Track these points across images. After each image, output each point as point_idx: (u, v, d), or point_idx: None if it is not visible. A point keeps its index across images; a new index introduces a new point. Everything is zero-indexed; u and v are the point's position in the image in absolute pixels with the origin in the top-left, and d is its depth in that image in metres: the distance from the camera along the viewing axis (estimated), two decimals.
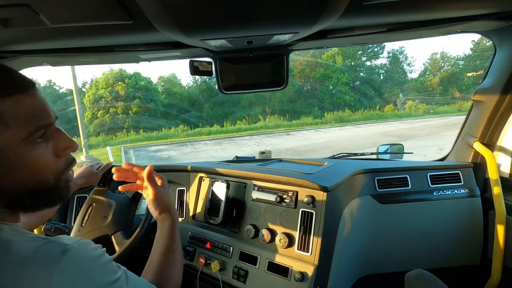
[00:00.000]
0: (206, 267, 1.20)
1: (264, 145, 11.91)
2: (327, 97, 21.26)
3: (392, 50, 24.07)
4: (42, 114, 0.46)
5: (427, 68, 24.20)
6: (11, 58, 0.98)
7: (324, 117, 18.83)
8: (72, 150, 0.53)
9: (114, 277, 0.47)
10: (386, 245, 1.34)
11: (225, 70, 1.12)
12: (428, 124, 14.14)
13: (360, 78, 23.32)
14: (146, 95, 19.59)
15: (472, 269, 1.39)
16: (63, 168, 0.51)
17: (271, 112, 20.15)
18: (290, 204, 1.11)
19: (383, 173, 1.34)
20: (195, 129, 17.52)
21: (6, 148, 0.42)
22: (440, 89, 22.24)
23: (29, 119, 0.44)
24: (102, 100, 19.19)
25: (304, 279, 0.98)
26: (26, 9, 0.57)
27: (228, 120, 19.13)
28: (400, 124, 14.94)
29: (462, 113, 15.46)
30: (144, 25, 0.73)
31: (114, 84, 18.97)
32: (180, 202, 1.45)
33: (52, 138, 0.49)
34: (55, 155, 0.50)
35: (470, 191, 1.34)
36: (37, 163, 0.46)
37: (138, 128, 17.97)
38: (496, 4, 0.84)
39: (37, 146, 0.46)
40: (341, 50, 21.44)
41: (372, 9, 0.76)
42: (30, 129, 0.44)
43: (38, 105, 0.46)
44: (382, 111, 19.85)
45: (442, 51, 25.25)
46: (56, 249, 0.42)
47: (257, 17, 0.70)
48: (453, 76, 22.65)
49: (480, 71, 22.01)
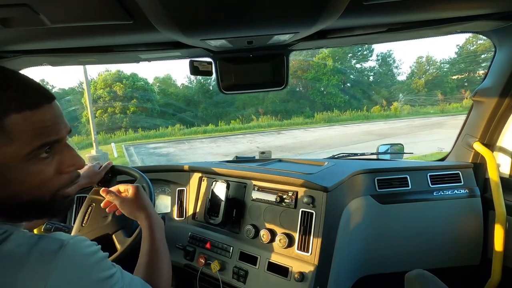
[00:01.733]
0: (206, 267, 1.20)
1: (257, 142, 12.54)
2: (318, 98, 21.92)
3: (380, 53, 25.35)
4: (50, 131, 0.45)
5: (414, 71, 25.52)
6: (11, 58, 0.98)
7: (314, 117, 19.55)
8: (77, 169, 0.50)
9: (109, 272, 0.47)
10: (386, 245, 1.34)
11: (225, 70, 1.12)
12: (409, 124, 15.32)
13: (350, 80, 24.38)
14: (143, 95, 19.93)
15: (472, 269, 1.39)
16: (64, 185, 0.49)
17: (264, 112, 20.79)
18: (290, 204, 1.11)
19: (383, 173, 1.34)
20: (191, 128, 18.13)
21: (6, 161, 0.42)
22: (425, 91, 23.23)
23: (35, 136, 0.43)
24: (101, 100, 19.43)
25: (304, 279, 0.98)
26: (26, 9, 0.57)
27: (223, 120, 19.64)
28: (383, 124, 16.11)
29: (444, 114, 18.53)
30: (144, 25, 0.73)
31: (112, 85, 19.28)
32: (180, 202, 1.45)
33: (59, 153, 0.48)
34: (58, 172, 0.48)
35: (470, 191, 1.34)
36: (37, 179, 0.45)
37: (136, 127, 18.40)
38: (496, 4, 0.84)
39: (39, 162, 0.45)
40: (332, 53, 22.17)
41: (372, 9, 0.76)
42: (34, 146, 0.43)
43: (48, 122, 0.44)
44: (369, 112, 20.67)
45: (427, 55, 26.27)
46: (53, 244, 0.42)
47: (257, 17, 0.70)
48: (438, 79, 23.71)
49: (464, 74, 23.52)
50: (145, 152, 12.39)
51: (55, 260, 0.41)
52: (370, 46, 22.76)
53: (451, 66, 24.44)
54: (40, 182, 0.45)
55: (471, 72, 23.83)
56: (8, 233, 0.43)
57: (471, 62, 23.36)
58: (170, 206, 1.51)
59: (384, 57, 25.17)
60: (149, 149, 12.95)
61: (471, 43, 22.95)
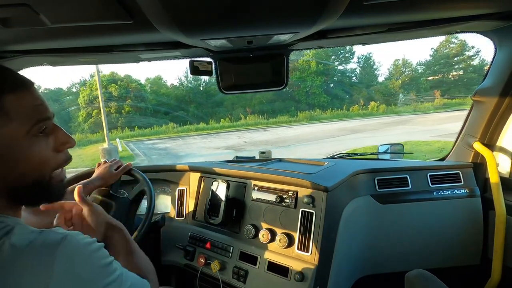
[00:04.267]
0: (206, 267, 1.20)
1: (244, 138, 14.23)
2: (303, 98, 23.27)
3: (361, 56, 27.18)
4: (41, 109, 0.50)
5: (391, 72, 27.64)
6: (11, 58, 0.98)
7: (297, 116, 21.15)
8: (70, 146, 0.55)
9: (109, 259, 0.49)
10: (386, 245, 1.34)
11: (225, 70, 1.11)
12: (381, 122, 17.04)
13: (333, 81, 26.30)
14: (137, 95, 21.35)
15: (472, 269, 1.39)
16: (61, 164, 0.54)
17: (251, 112, 22.41)
18: (290, 204, 1.11)
19: (383, 173, 1.34)
20: (184, 126, 19.61)
21: (11, 140, 0.46)
22: (401, 91, 25.33)
23: (30, 114, 0.48)
24: (97, 101, 20.22)
25: (304, 279, 0.98)
26: (26, 9, 0.57)
27: (213, 119, 21.13)
28: (358, 122, 17.88)
29: (416, 113, 20.38)
30: (144, 25, 0.73)
31: (108, 86, 20.37)
32: (180, 202, 1.45)
33: (51, 133, 0.52)
34: (55, 150, 0.52)
35: (470, 191, 1.34)
36: (39, 157, 0.49)
37: (132, 126, 19.59)
38: (496, 4, 0.84)
39: (39, 140, 0.49)
40: (315, 55, 23.47)
41: (372, 9, 0.76)
42: (32, 123, 0.48)
43: (37, 101, 0.50)
44: (349, 110, 22.41)
45: (403, 58, 29.00)
46: (55, 236, 0.44)
47: (257, 17, 0.70)
48: (413, 80, 25.78)
49: (439, 75, 25.57)
50: (144, 147, 13.72)
51: (59, 249, 0.43)
52: (351, 48, 24.35)
53: (426, 68, 26.52)
54: (41, 161, 0.50)
55: (444, 74, 25.71)
56: (11, 227, 0.45)
57: (445, 64, 25.21)
58: (170, 206, 1.51)
59: (365, 59, 27.16)
60: (148, 145, 14.31)
61: (445, 46, 24.86)
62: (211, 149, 11.70)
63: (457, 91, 24.80)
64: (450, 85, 25.54)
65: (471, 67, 24.76)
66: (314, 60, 23.52)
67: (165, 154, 12.14)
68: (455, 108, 20.44)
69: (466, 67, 24.97)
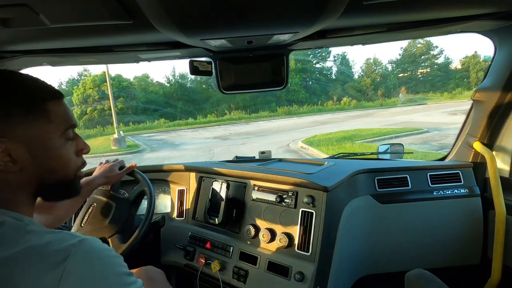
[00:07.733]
0: (206, 267, 1.20)
1: (229, 130, 16.60)
2: (283, 95, 25.49)
3: (337, 55, 29.85)
4: (71, 116, 0.57)
5: (363, 70, 30.35)
6: (11, 58, 0.98)
7: (277, 111, 23.88)
8: (86, 152, 0.62)
9: (126, 270, 0.49)
10: (386, 245, 1.34)
11: (225, 70, 1.11)
12: (348, 115, 19.83)
13: (311, 78, 28.77)
14: (128, 94, 23.39)
15: (472, 269, 1.39)
16: (80, 167, 0.61)
17: (235, 108, 25.07)
18: (290, 204, 1.11)
19: (383, 173, 1.34)
20: (174, 121, 22.25)
21: (48, 139, 0.52)
22: (372, 88, 28.27)
23: (65, 119, 0.55)
24: (90, 99, 22.20)
25: (304, 279, 0.98)
26: (26, 9, 0.57)
27: (201, 114, 23.83)
28: (330, 115, 20.67)
29: (382, 107, 23.57)
30: (144, 25, 0.73)
31: (101, 85, 21.83)
32: (180, 202, 1.45)
33: (75, 139, 0.59)
34: (76, 154, 0.59)
35: (470, 191, 1.34)
36: (67, 158, 0.56)
37: (125, 122, 21.53)
38: (496, 4, 0.84)
39: (67, 143, 0.56)
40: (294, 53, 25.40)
41: (372, 9, 0.76)
42: (65, 127, 0.55)
43: (68, 110, 0.57)
44: (323, 106, 25.32)
45: (374, 57, 31.59)
46: (72, 238, 0.46)
47: (257, 17, 0.70)
48: (382, 77, 28.95)
49: (408, 72, 29.32)
50: (142, 139, 15.78)
51: (75, 250, 0.43)
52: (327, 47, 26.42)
53: (396, 66, 29.68)
54: (68, 161, 0.56)
55: (412, 71, 28.79)
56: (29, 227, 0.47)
57: (412, 62, 28.18)
58: (170, 206, 1.51)
59: (340, 58, 29.85)
60: (145, 138, 16.56)
61: (413, 46, 27.53)
62: (202, 139, 13.83)
63: (423, 87, 27.59)
64: (417, 81, 28.08)
65: (436, 65, 27.67)
66: (293, 59, 25.22)
67: (163, 143, 13.93)
68: (417, 102, 23.73)
69: (431, 65, 27.70)
